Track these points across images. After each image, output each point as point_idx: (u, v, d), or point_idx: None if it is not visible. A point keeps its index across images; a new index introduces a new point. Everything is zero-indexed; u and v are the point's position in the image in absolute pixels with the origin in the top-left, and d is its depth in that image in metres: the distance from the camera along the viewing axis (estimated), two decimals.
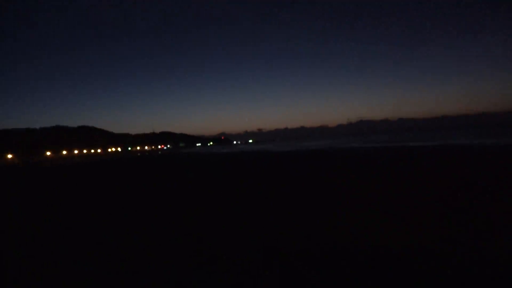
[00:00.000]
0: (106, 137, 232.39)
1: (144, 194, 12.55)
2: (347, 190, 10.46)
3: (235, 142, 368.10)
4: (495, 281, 3.95)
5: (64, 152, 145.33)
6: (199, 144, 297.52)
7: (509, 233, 5.53)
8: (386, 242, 5.33)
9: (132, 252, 5.79)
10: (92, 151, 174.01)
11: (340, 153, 32.65)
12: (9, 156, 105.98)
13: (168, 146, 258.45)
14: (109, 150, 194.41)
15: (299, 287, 4.02)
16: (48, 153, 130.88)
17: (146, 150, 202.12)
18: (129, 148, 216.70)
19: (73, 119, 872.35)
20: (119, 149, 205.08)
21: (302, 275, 4.28)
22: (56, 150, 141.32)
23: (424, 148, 31.53)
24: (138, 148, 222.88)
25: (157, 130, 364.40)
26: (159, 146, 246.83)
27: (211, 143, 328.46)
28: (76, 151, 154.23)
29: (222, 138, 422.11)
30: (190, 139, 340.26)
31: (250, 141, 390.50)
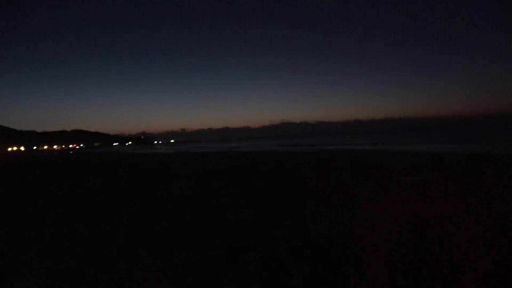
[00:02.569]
0: (7, 135, 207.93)
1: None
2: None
3: (156, 142, 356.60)
4: None
5: None
6: (116, 144, 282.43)
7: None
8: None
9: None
10: None
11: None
12: None
13: (82, 145, 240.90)
14: (9, 149, 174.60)
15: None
16: None
17: (55, 149, 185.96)
18: (35, 147, 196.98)
19: None
20: (22, 148, 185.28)
21: None
22: None
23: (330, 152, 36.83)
24: (46, 147, 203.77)
25: (69, 128, 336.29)
26: (71, 146, 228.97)
27: (130, 142, 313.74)
28: None
29: (142, 137, 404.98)
30: (106, 138, 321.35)
31: (172, 141, 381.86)
